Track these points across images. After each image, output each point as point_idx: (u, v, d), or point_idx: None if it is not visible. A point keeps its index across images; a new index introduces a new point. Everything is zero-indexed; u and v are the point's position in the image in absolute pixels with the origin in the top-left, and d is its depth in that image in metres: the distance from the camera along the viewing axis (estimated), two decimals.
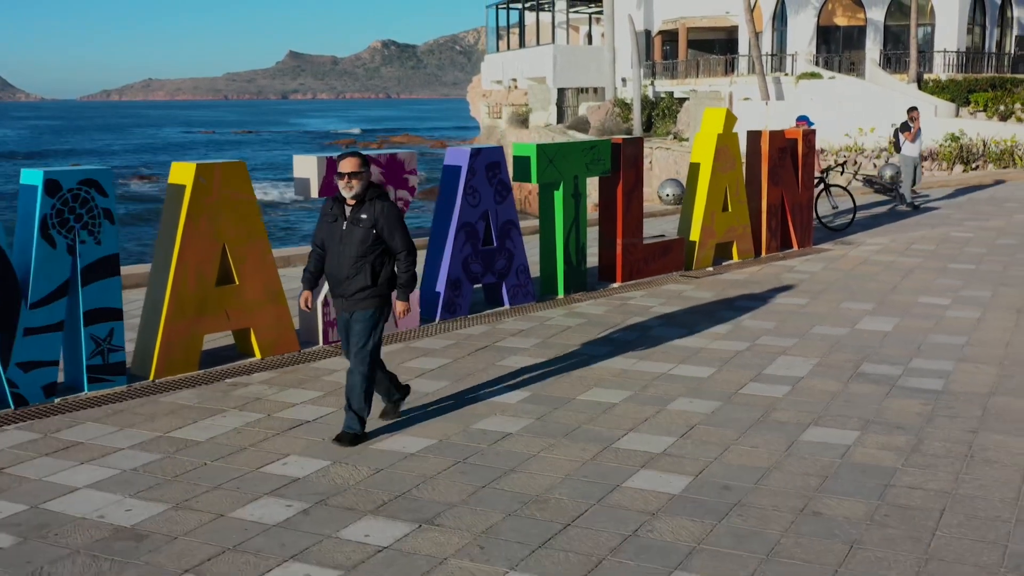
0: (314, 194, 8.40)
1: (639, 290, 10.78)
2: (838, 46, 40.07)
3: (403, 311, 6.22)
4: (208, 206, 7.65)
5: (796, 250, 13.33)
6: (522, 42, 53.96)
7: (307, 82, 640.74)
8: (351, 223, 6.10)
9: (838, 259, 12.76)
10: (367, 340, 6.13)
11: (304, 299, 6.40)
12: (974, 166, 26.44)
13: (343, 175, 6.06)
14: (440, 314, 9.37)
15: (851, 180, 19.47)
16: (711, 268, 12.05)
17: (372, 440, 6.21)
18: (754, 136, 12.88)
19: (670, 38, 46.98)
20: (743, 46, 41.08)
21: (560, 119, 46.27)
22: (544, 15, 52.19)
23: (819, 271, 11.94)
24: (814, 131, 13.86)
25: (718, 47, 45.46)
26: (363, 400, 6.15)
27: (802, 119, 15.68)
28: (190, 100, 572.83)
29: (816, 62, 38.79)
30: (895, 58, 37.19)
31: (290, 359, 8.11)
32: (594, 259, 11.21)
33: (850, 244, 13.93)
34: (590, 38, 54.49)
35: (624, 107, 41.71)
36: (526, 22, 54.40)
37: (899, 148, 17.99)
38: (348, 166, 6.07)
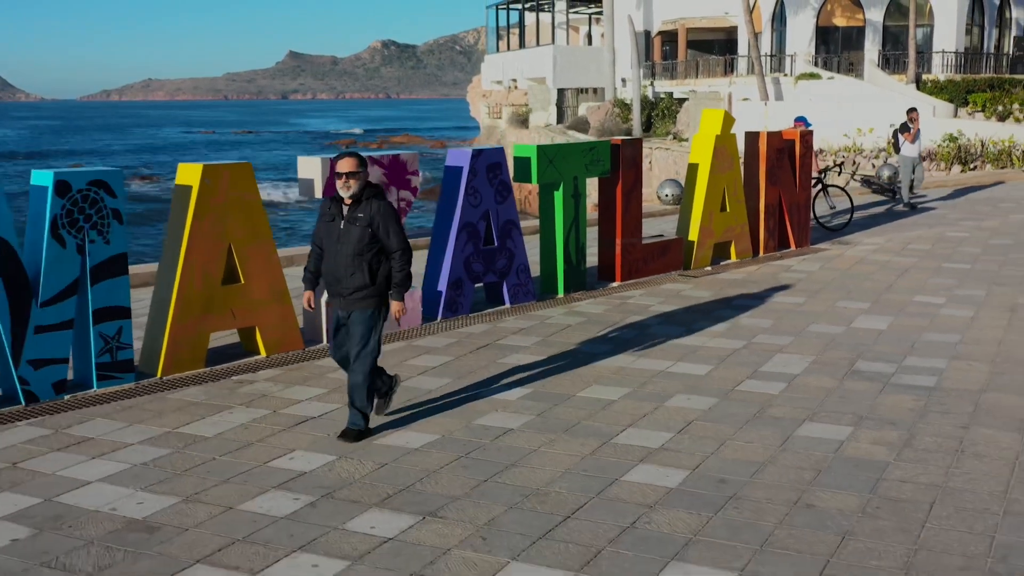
0: (318, 195, 8.48)
1: (638, 289, 10.91)
2: (837, 47, 40.17)
3: (398, 311, 6.26)
4: (214, 207, 7.78)
5: (793, 250, 13.45)
6: (522, 42, 54.09)
7: (307, 82, 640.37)
8: (348, 222, 6.15)
9: (835, 259, 12.88)
10: (368, 340, 6.20)
11: (307, 299, 6.50)
12: (972, 166, 26.54)
13: (341, 175, 6.13)
14: (442, 313, 9.50)
15: (849, 180, 19.60)
16: (709, 267, 12.17)
17: (376, 436, 6.33)
18: (752, 137, 13.00)
19: (670, 39, 47.11)
20: (742, 47, 41.21)
21: (560, 119, 46.37)
22: (544, 15, 52.30)
23: (816, 270, 12.07)
24: (811, 132, 13.99)
25: (717, 48, 45.57)
26: (365, 398, 6.27)
27: (800, 120, 15.83)
28: (190, 100, 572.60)
29: (815, 63, 38.91)
30: (894, 59, 37.32)
31: (295, 357, 8.24)
32: (594, 259, 11.32)
33: (847, 244, 14.05)
34: (590, 38, 54.58)
35: (624, 107, 41.81)
36: (526, 22, 54.52)
37: (898, 149, 18.11)
38: (345, 166, 6.13)
